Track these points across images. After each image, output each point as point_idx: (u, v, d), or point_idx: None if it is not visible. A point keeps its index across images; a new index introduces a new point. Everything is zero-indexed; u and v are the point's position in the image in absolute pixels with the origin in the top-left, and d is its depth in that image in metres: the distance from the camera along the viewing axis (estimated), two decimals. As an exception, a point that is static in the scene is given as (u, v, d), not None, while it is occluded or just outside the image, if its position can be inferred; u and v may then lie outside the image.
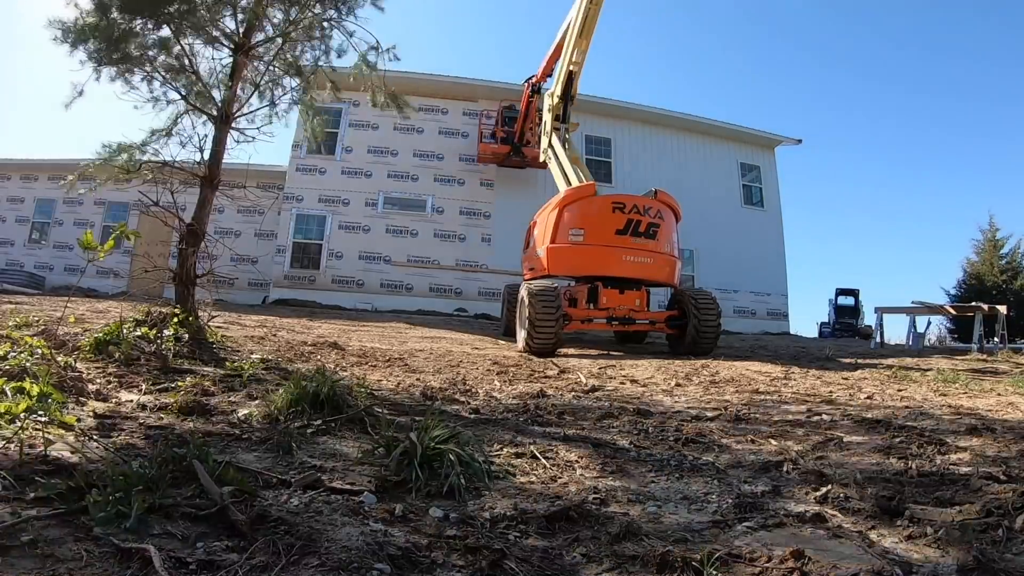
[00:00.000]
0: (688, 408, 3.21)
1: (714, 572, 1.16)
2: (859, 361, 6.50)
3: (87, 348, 3.14)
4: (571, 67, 8.56)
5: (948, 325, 18.79)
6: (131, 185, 4.29)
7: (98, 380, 2.67)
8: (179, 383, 2.76)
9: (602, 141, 16.20)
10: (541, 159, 9.57)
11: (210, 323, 4.23)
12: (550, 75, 11.62)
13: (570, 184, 7.73)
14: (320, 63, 4.91)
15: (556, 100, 8.90)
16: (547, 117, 9.19)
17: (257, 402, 2.51)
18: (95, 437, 1.72)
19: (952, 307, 14.07)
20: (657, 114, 16.67)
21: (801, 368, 5.39)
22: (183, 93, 4.35)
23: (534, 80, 11.98)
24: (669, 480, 1.85)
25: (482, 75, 27.03)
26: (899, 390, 4.07)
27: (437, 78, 15.32)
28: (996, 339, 9.75)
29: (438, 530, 1.32)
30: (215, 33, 4.39)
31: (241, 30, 4.45)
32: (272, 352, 4.48)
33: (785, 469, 1.97)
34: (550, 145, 8.92)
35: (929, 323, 21.54)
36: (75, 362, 2.76)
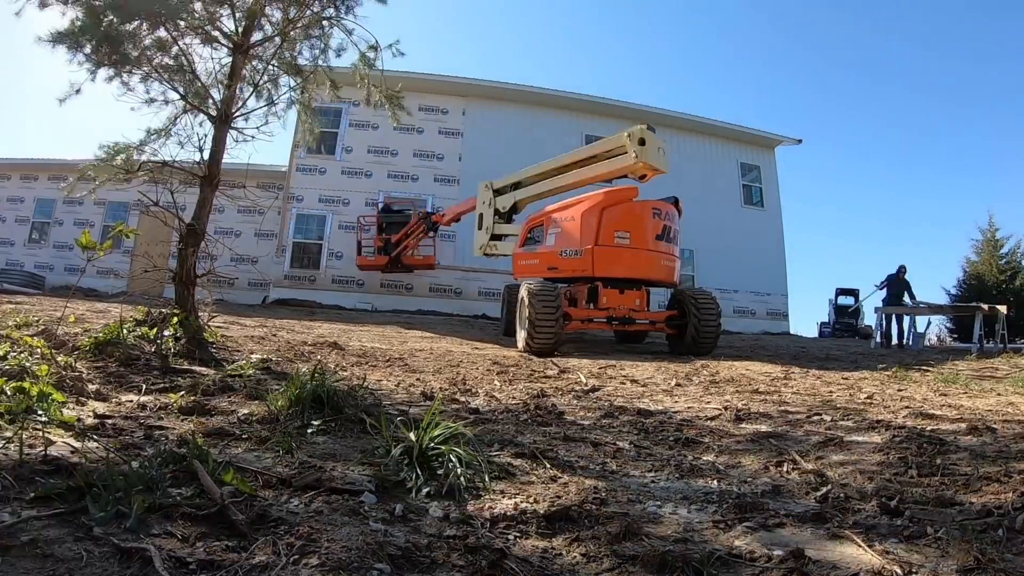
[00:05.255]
0: (688, 408, 3.21)
1: (714, 572, 1.16)
2: (859, 361, 6.50)
3: (87, 348, 3.14)
4: (525, 201, 8.53)
5: (948, 325, 18.80)
6: (131, 185, 4.28)
7: (98, 380, 2.67)
8: (179, 383, 2.75)
9: (602, 141, 16.18)
10: (479, 253, 9.04)
11: (210, 323, 4.22)
12: (457, 221, 11.35)
13: None
14: (319, 62, 4.89)
15: (504, 214, 8.69)
16: (487, 212, 8.74)
17: (257, 402, 2.51)
18: (95, 437, 1.72)
19: (952, 307, 14.09)
20: (657, 114, 16.62)
21: (801, 368, 5.39)
22: (182, 93, 4.34)
23: (434, 219, 12.07)
24: (669, 480, 1.85)
25: (481, 74, 27.03)
26: (899, 390, 4.07)
27: (437, 77, 15.30)
28: (996, 339, 9.76)
29: (438, 530, 1.31)
30: (213, 33, 4.38)
31: (239, 29, 4.44)
32: (272, 352, 4.48)
33: (785, 469, 1.97)
34: (495, 237, 8.69)
35: (929, 323, 21.58)
36: (75, 362, 2.76)
